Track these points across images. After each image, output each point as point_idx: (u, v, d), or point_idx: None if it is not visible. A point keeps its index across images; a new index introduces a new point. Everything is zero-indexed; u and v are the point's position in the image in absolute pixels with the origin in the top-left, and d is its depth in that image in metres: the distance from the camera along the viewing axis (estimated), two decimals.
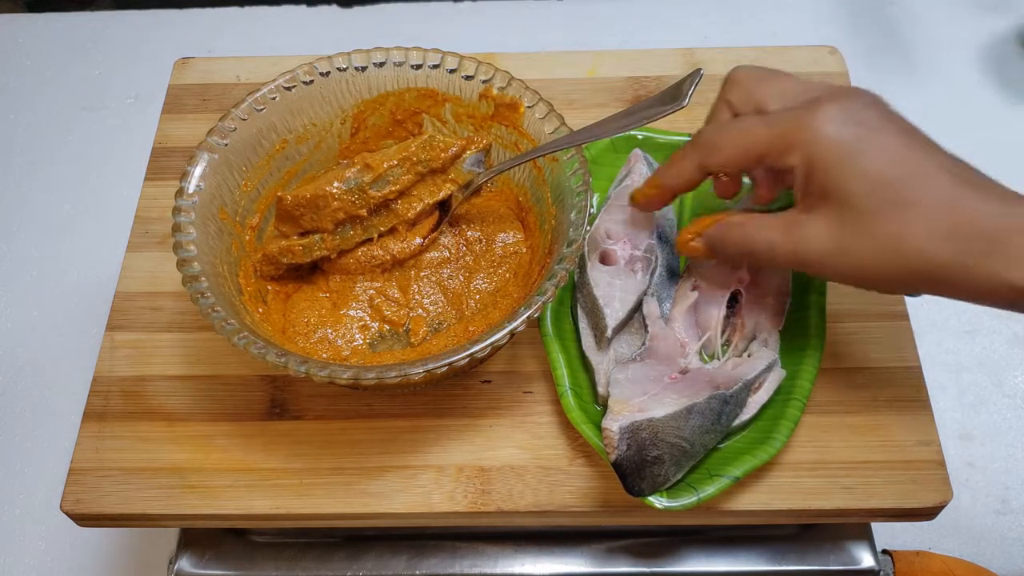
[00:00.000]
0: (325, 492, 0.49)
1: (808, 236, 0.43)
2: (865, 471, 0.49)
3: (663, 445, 0.45)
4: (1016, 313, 0.41)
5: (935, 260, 0.40)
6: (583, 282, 0.52)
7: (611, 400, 0.47)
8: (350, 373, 0.43)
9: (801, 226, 0.43)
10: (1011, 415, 0.75)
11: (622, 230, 0.53)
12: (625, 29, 1.00)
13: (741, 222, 0.46)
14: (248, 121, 0.52)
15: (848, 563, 0.55)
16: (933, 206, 0.40)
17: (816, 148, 0.42)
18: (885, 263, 0.41)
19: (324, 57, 0.54)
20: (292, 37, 1.01)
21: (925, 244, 0.40)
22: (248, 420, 0.52)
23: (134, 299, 0.56)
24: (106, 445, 0.51)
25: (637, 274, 0.52)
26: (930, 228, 0.40)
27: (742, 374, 0.49)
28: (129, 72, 0.99)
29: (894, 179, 0.40)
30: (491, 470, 0.50)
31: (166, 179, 0.61)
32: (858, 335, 0.54)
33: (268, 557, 0.56)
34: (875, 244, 0.41)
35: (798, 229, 0.43)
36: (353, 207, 0.51)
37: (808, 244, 0.43)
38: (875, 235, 0.41)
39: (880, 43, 0.98)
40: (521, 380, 0.53)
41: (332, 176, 0.52)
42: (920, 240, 0.40)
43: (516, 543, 0.56)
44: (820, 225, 0.43)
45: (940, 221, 0.40)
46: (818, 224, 0.43)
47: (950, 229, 0.40)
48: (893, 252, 0.41)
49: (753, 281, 0.53)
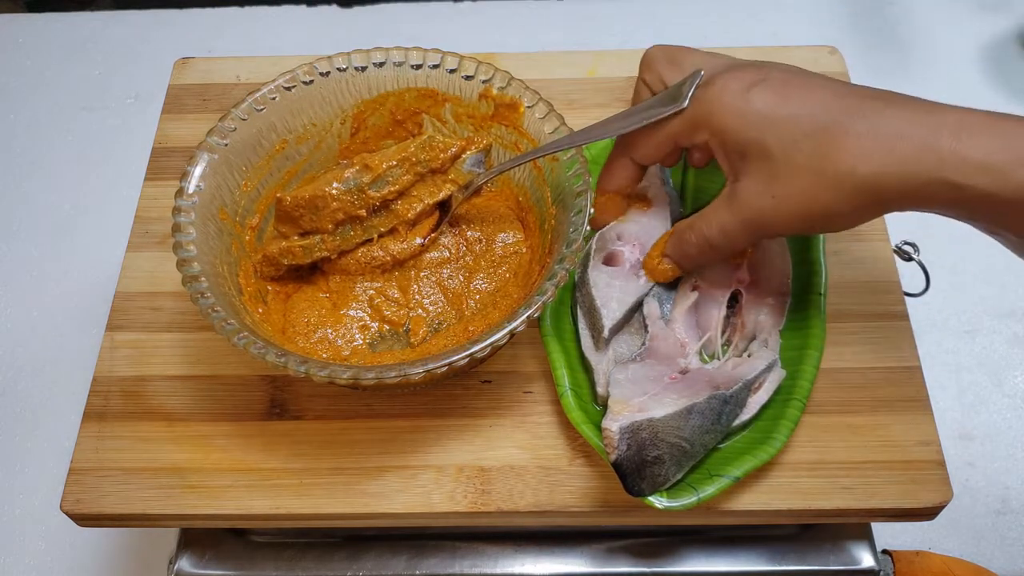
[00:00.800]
0: (325, 492, 0.49)
1: (747, 201, 0.43)
2: (865, 471, 0.49)
3: (663, 445, 0.45)
4: (1016, 313, 0.41)
5: (866, 175, 0.40)
6: (583, 281, 0.52)
7: (611, 400, 0.47)
8: (350, 373, 0.43)
9: (737, 195, 0.44)
10: (1011, 415, 0.75)
11: (635, 232, 0.53)
12: (625, 29, 1.00)
13: (689, 223, 0.47)
14: (248, 121, 0.52)
15: (848, 563, 0.55)
16: (847, 125, 0.40)
17: (720, 118, 0.43)
18: (822, 195, 0.41)
19: (324, 57, 0.54)
20: (292, 37, 1.01)
21: (854, 162, 0.40)
22: (248, 420, 0.52)
23: (134, 299, 0.56)
24: (106, 445, 0.51)
25: (640, 278, 0.52)
26: (851, 146, 0.40)
27: (742, 374, 0.49)
28: (129, 72, 0.99)
29: (800, 114, 0.41)
30: (491, 470, 0.50)
31: (166, 179, 0.61)
32: (858, 335, 0.54)
33: (268, 557, 0.56)
34: (805, 180, 0.41)
35: (736, 200, 0.44)
36: (352, 207, 0.51)
37: (751, 208, 0.43)
38: (802, 171, 0.41)
39: (880, 43, 0.98)
40: (521, 380, 0.53)
41: (331, 177, 0.52)
42: (847, 160, 0.40)
43: (516, 543, 0.56)
44: (752, 185, 0.43)
45: (860, 137, 0.40)
46: (750, 185, 0.43)
47: (873, 142, 0.40)
48: (825, 181, 0.41)
49: (753, 281, 0.53)
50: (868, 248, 0.57)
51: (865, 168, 0.40)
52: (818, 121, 0.41)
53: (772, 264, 0.54)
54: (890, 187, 0.40)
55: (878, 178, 0.40)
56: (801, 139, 0.40)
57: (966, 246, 0.82)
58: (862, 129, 0.40)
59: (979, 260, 0.82)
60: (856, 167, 0.40)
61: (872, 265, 0.56)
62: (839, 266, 0.56)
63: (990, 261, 0.82)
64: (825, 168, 0.40)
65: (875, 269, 0.56)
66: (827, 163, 0.40)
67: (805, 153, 0.41)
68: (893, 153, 0.39)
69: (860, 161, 0.40)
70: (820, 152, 0.40)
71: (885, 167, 0.39)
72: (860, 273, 0.56)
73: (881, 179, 0.40)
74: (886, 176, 0.40)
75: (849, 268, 0.56)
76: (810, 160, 0.41)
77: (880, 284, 0.56)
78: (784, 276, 0.53)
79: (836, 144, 0.40)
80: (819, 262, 0.54)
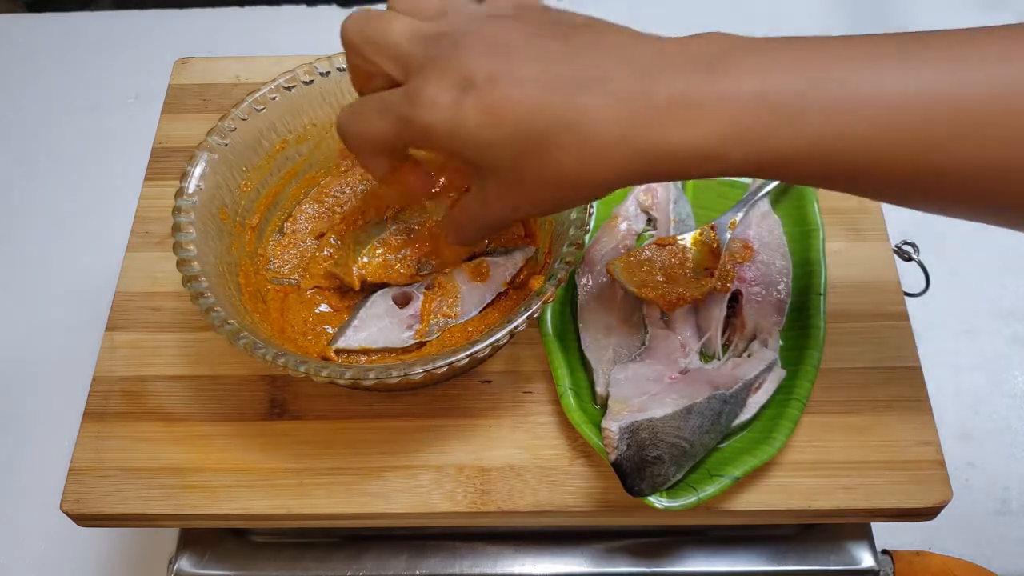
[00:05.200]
0: (325, 492, 0.49)
1: (492, 204, 0.41)
2: (865, 471, 0.49)
3: (663, 445, 0.45)
4: (1016, 313, 0.41)
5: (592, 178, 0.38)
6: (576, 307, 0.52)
7: (611, 400, 0.47)
8: (351, 373, 0.43)
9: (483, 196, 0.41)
10: (1011, 415, 0.75)
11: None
12: None
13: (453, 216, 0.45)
14: (248, 121, 0.52)
15: (848, 563, 0.55)
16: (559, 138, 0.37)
17: (438, 141, 0.38)
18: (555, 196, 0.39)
19: (324, 57, 0.54)
20: (292, 37, 1.01)
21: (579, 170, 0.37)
22: (248, 420, 0.52)
23: (134, 299, 0.56)
24: (106, 445, 0.51)
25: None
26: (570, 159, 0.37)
27: (742, 374, 0.49)
28: (129, 72, 0.99)
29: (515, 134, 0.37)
30: (491, 470, 0.50)
31: (166, 179, 0.61)
32: (858, 335, 0.54)
33: (268, 557, 0.56)
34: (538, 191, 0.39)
35: (483, 200, 0.41)
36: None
37: (497, 209, 0.41)
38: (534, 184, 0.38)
39: None
40: (521, 380, 0.53)
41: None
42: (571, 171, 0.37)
43: (516, 543, 0.56)
44: (492, 193, 0.40)
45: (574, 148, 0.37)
46: (490, 191, 0.40)
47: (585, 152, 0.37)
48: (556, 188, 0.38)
49: (753, 281, 0.53)
50: (868, 248, 0.57)
51: (591, 173, 0.37)
52: (532, 140, 0.37)
53: (772, 264, 0.54)
54: (620, 181, 0.38)
55: (602, 177, 0.38)
56: (521, 158, 0.37)
57: (966, 246, 0.82)
58: (572, 140, 0.37)
59: (979, 260, 0.82)
60: (581, 174, 0.37)
61: (872, 265, 0.56)
62: (839, 266, 0.56)
63: (990, 261, 0.82)
64: (556, 179, 0.38)
65: (875, 269, 0.56)
66: (554, 174, 0.38)
67: (531, 171, 0.38)
68: (608, 160, 0.37)
69: (584, 169, 0.37)
70: (544, 166, 0.37)
71: (602, 170, 0.37)
72: (860, 273, 0.56)
73: (608, 178, 0.38)
74: (610, 177, 0.38)
75: (849, 268, 0.56)
76: (539, 174, 0.38)
77: (880, 284, 0.56)
78: (784, 276, 0.53)
79: (556, 160, 0.37)
80: (819, 262, 0.54)
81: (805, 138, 0.35)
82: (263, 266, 0.54)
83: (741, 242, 0.54)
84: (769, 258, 0.54)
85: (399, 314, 0.51)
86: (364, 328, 0.50)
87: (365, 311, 0.51)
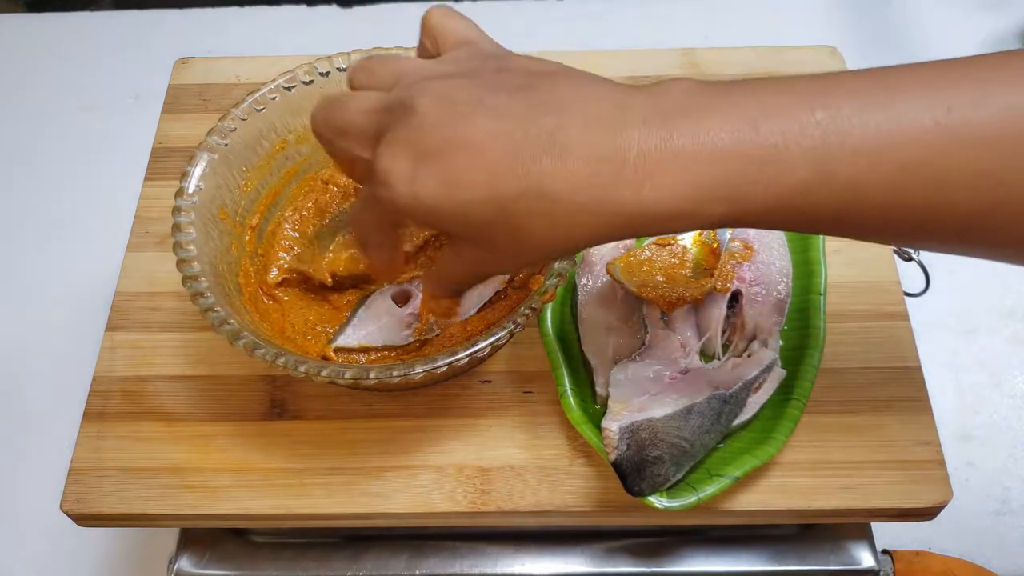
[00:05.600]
0: (325, 492, 0.49)
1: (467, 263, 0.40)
2: (865, 471, 0.49)
3: (663, 445, 0.45)
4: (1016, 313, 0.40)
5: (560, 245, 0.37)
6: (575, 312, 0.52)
7: (611, 400, 0.47)
8: (351, 373, 0.43)
9: (458, 256, 0.40)
10: (1011, 415, 0.75)
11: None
12: (625, 29, 1.00)
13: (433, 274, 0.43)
14: (248, 121, 0.52)
15: (848, 563, 0.55)
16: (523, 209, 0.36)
17: (404, 213, 0.37)
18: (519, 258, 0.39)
19: (324, 57, 0.54)
20: (292, 37, 1.01)
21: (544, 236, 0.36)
22: (248, 420, 0.52)
23: (134, 299, 0.56)
24: (106, 445, 0.51)
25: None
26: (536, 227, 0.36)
27: (742, 374, 0.49)
28: (129, 72, 0.99)
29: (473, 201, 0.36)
30: (491, 470, 0.50)
31: (166, 179, 0.61)
32: (858, 335, 0.54)
33: (268, 557, 0.56)
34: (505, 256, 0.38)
35: (459, 259, 0.40)
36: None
37: (473, 267, 0.40)
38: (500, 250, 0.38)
39: (880, 43, 0.98)
40: (521, 380, 0.53)
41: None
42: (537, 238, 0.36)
43: (516, 543, 0.56)
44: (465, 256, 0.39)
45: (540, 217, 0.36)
46: (465, 254, 0.39)
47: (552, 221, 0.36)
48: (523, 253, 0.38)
49: (753, 281, 0.53)
50: (868, 248, 0.57)
51: (564, 237, 0.36)
52: (500, 208, 0.36)
53: (772, 264, 0.54)
54: (597, 241, 0.37)
55: (578, 238, 0.37)
56: (490, 227, 0.36)
57: None
58: (542, 207, 0.35)
59: (979, 260, 0.82)
60: (555, 238, 0.37)
61: (872, 265, 0.56)
62: (839, 266, 0.56)
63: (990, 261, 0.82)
64: (529, 243, 0.37)
65: (875, 269, 0.56)
66: (527, 239, 0.37)
67: (502, 238, 0.37)
68: (581, 224, 0.36)
69: (557, 232, 0.36)
70: (515, 232, 0.36)
71: (576, 234, 0.36)
72: (860, 273, 0.56)
73: (584, 239, 0.37)
74: (586, 239, 0.37)
75: (849, 268, 0.56)
76: (511, 239, 0.37)
77: (880, 284, 0.56)
78: (784, 276, 0.54)
79: (528, 226, 0.36)
80: (819, 262, 0.54)
81: (785, 187, 0.34)
82: (264, 269, 0.53)
83: (741, 242, 0.54)
84: (769, 258, 0.54)
85: (398, 312, 0.51)
86: (363, 327, 0.50)
87: (364, 310, 0.51)
